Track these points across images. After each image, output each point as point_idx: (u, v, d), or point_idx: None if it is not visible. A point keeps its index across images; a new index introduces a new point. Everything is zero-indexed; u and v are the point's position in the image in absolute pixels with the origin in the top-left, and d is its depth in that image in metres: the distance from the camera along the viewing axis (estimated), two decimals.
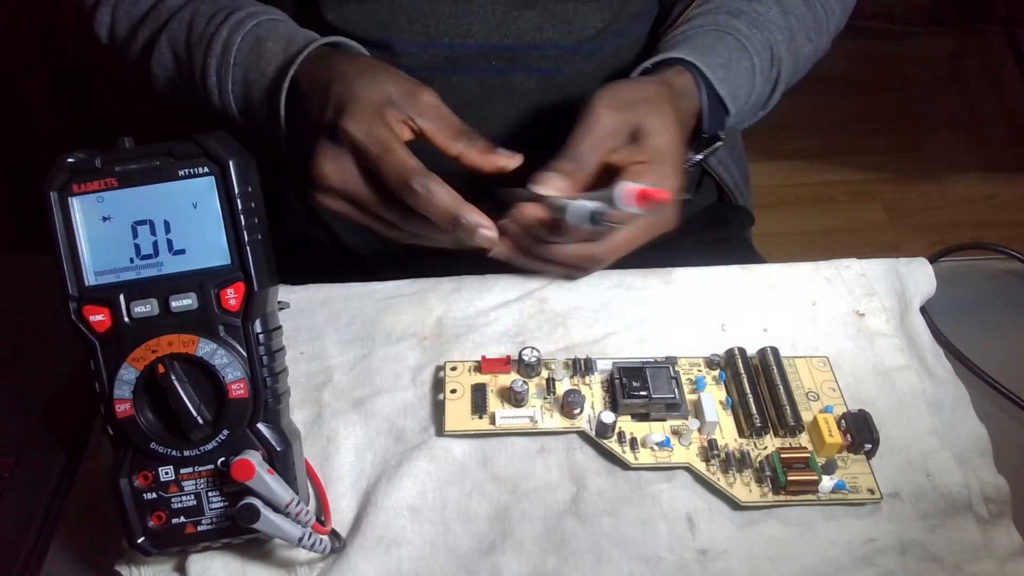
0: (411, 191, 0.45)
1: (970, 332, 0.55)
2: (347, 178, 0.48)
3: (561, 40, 0.60)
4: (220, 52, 0.56)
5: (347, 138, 0.47)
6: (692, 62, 0.56)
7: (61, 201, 0.39)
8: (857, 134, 1.91)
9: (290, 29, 0.56)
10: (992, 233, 1.70)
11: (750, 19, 0.61)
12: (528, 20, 0.59)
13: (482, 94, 0.62)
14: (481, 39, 0.60)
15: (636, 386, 0.48)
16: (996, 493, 0.46)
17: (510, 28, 0.59)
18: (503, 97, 0.63)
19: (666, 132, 0.51)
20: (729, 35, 0.59)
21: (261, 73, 0.55)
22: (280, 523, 0.39)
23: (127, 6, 0.62)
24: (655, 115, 0.52)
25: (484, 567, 0.43)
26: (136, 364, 0.39)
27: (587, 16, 0.60)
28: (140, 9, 0.61)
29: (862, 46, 2.03)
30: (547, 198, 0.49)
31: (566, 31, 0.60)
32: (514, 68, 0.61)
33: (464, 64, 0.61)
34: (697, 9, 0.63)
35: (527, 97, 0.63)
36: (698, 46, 0.58)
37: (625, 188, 0.44)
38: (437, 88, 0.62)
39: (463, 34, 0.59)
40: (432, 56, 0.60)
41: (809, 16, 0.65)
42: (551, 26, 0.60)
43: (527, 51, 0.61)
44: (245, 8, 0.57)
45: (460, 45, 0.60)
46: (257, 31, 0.56)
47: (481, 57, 0.60)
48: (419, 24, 0.59)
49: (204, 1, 0.59)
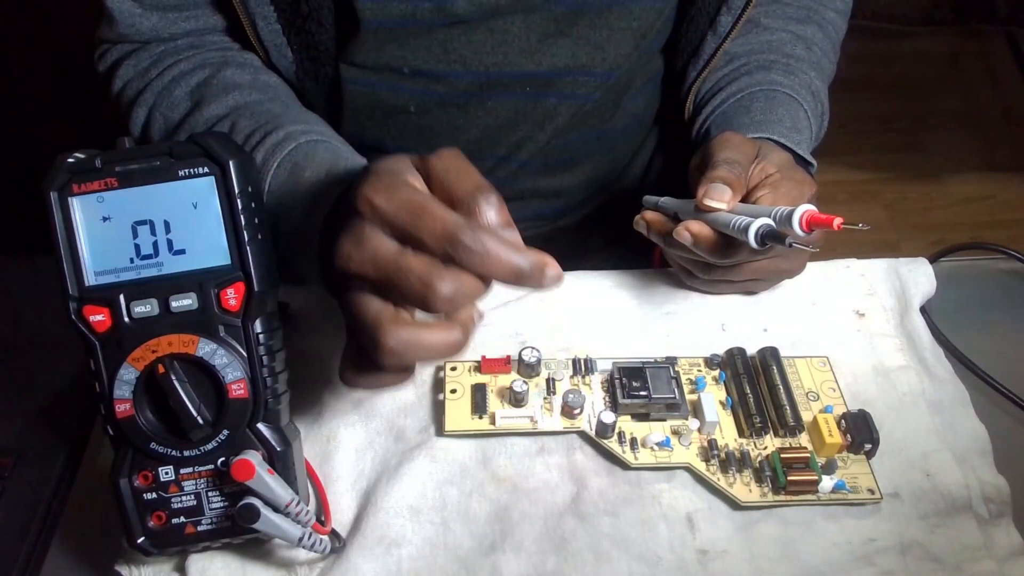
0: (462, 247, 0.36)
1: (970, 332, 0.55)
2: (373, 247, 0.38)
3: (595, 67, 0.61)
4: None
5: (370, 208, 0.38)
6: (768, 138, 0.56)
7: (61, 201, 0.39)
8: (857, 134, 1.91)
9: (331, 156, 0.51)
10: (992, 233, 1.70)
11: (783, 68, 0.62)
12: (562, 47, 0.59)
13: (515, 118, 0.63)
14: (516, 67, 0.60)
15: (636, 386, 0.48)
16: (996, 493, 0.46)
17: (544, 56, 0.60)
18: (536, 121, 0.63)
19: (784, 153, 0.52)
20: (777, 93, 0.60)
21: (294, 203, 0.49)
22: (280, 523, 0.39)
23: (164, 110, 0.58)
24: (769, 144, 0.53)
25: (484, 567, 0.43)
26: (136, 364, 0.39)
27: (621, 43, 0.61)
28: (178, 114, 0.58)
29: (862, 46, 2.03)
30: (710, 214, 0.47)
31: (600, 58, 0.60)
32: (548, 93, 0.62)
33: (499, 90, 0.61)
34: (724, 70, 0.64)
35: (559, 121, 0.63)
36: (759, 118, 0.58)
37: (805, 209, 0.43)
38: (472, 113, 0.62)
39: (499, 63, 0.59)
40: (468, 83, 0.60)
41: (826, 41, 0.67)
42: (585, 53, 0.60)
43: (560, 77, 0.61)
44: (284, 127, 0.53)
45: (495, 73, 0.60)
46: (294, 156, 0.51)
47: (516, 83, 0.61)
48: (455, 54, 0.59)
49: (243, 115, 0.55)
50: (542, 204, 0.70)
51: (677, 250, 0.51)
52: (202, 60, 0.59)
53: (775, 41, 0.64)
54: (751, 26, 0.65)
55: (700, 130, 0.63)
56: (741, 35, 0.65)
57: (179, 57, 0.59)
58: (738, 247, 0.46)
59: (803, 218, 0.43)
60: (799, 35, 0.64)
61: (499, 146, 0.64)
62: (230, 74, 0.58)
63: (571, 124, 0.64)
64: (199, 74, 0.58)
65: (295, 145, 0.51)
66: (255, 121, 0.54)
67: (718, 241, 0.47)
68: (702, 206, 0.47)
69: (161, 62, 0.60)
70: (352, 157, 0.52)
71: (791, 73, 0.61)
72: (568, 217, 0.73)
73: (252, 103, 0.56)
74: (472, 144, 0.64)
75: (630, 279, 0.57)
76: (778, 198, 0.48)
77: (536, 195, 0.69)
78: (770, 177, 0.49)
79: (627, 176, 0.75)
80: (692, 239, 0.47)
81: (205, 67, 0.58)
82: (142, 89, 0.59)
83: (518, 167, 0.66)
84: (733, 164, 0.48)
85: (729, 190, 0.47)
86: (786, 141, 0.56)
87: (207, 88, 0.57)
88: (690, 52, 0.65)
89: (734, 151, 0.49)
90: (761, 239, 0.43)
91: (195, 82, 0.58)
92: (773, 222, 0.44)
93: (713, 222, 0.47)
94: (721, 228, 0.47)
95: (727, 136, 0.51)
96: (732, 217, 0.46)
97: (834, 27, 0.68)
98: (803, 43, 0.64)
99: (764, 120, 0.58)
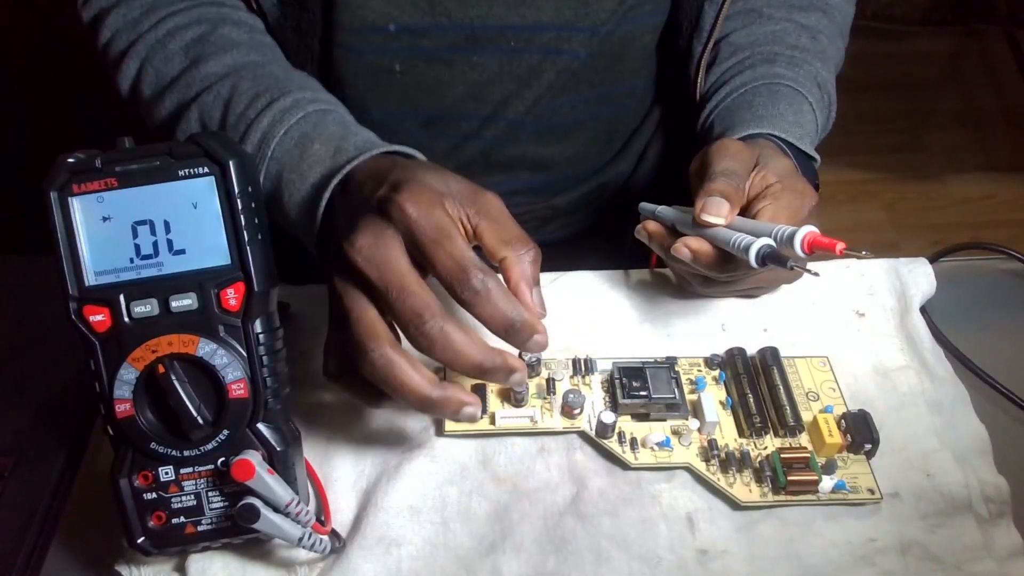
0: (467, 285, 0.39)
1: (970, 332, 0.55)
2: (385, 253, 0.40)
3: (578, 22, 0.61)
4: (257, 141, 0.51)
5: (401, 215, 0.40)
6: (770, 134, 0.56)
7: (61, 201, 0.39)
8: (857, 134, 1.91)
9: (341, 128, 0.51)
10: (992, 233, 1.70)
11: (787, 60, 0.61)
12: (546, 1, 0.60)
13: (501, 74, 0.62)
14: (500, 19, 0.60)
15: (636, 386, 0.48)
16: (996, 493, 0.46)
17: (528, 9, 0.60)
18: (521, 78, 0.63)
19: (787, 158, 0.52)
20: (780, 86, 0.60)
21: (300, 175, 0.49)
22: (280, 523, 0.39)
23: (157, 63, 0.57)
24: (770, 148, 0.53)
25: (484, 567, 0.43)
26: (136, 364, 0.39)
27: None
28: (172, 69, 0.57)
29: (862, 46, 2.02)
30: (709, 230, 0.47)
31: (583, 12, 0.60)
32: (532, 48, 0.62)
33: (484, 44, 0.61)
34: (728, 63, 0.63)
35: (545, 79, 0.63)
36: (761, 113, 0.58)
37: (808, 231, 0.42)
38: (457, 68, 0.62)
39: (483, 15, 0.59)
40: (454, 37, 0.60)
41: (832, 27, 0.66)
42: (568, 8, 0.60)
43: (545, 31, 0.61)
44: (291, 93, 0.52)
45: (480, 26, 0.60)
46: (303, 127, 0.51)
47: (500, 37, 0.60)
48: (440, 7, 0.59)
49: (244, 76, 0.54)
50: (533, 176, 0.70)
51: (676, 264, 0.50)
52: (198, 15, 0.58)
53: (779, 31, 0.63)
54: (754, 16, 0.65)
55: (704, 124, 0.63)
56: (744, 26, 0.64)
57: (172, 9, 0.58)
58: (737, 263, 0.46)
59: (805, 240, 0.42)
60: (803, 24, 0.64)
61: (484, 104, 0.64)
62: (227, 31, 0.57)
63: (559, 85, 0.64)
64: (195, 29, 0.57)
65: (303, 114, 0.51)
66: (258, 84, 0.54)
67: (717, 257, 0.47)
68: (700, 221, 0.47)
69: (153, 13, 0.58)
70: (360, 133, 0.52)
71: (795, 65, 0.61)
72: (563, 196, 0.73)
73: (252, 64, 0.56)
74: (457, 101, 0.63)
75: (630, 279, 0.57)
76: (779, 210, 0.47)
77: (526, 164, 0.69)
78: (770, 187, 0.48)
79: (624, 157, 0.75)
80: (691, 256, 0.47)
81: (201, 23, 0.57)
82: (133, 41, 0.58)
83: (506, 127, 0.65)
84: (731, 175, 0.48)
85: (727, 204, 0.46)
86: (789, 137, 0.56)
87: (204, 45, 0.56)
88: (691, 26, 0.64)
89: (732, 160, 0.49)
90: (762, 260, 0.43)
91: (191, 37, 0.57)
92: (774, 242, 0.43)
93: (712, 238, 0.47)
94: (721, 244, 0.46)
95: (725, 144, 0.50)
96: (732, 235, 0.45)
97: (840, 11, 0.67)
98: (807, 32, 0.64)
99: (767, 115, 0.57)
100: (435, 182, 0.42)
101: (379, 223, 0.41)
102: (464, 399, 0.41)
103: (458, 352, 0.39)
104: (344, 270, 0.41)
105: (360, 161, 0.47)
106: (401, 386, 0.40)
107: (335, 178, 0.47)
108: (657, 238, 0.51)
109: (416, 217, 0.40)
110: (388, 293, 0.39)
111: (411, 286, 0.39)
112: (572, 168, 0.71)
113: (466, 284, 0.39)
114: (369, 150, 0.48)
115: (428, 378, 0.40)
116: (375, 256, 0.40)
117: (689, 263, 0.48)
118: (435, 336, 0.39)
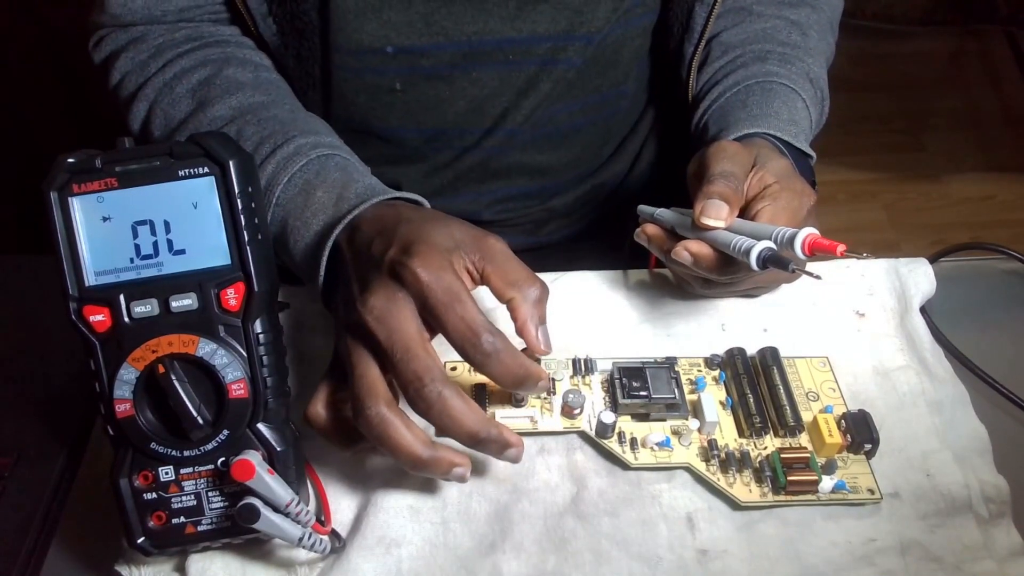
0: (478, 348, 0.40)
1: (970, 332, 0.55)
2: (396, 316, 0.41)
3: (575, 31, 0.61)
4: (264, 188, 0.52)
5: (414, 279, 0.41)
6: (766, 133, 0.56)
7: (61, 201, 0.39)
8: (857, 134, 1.91)
9: (343, 175, 0.52)
10: (992, 233, 1.70)
11: (779, 57, 0.62)
12: (542, 13, 0.60)
13: (500, 88, 0.63)
14: (497, 34, 0.60)
15: (636, 386, 0.48)
16: (996, 493, 0.46)
17: (524, 22, 0.60)
18: (520, 90, 0.63)
19: (784, 157, 0.52)
20: (773, 84, 0.60)
21: (304, 222, 0.50)
22: (280, 523, 0.39)
23: (165, 106, 0.58)
24: (767, 148, 0.53)
25: (484, 567, 0.43)
26: (136, 364, 0.39)
27: (599, 6, 0.61)
28: (179, 112, 0.58)
29: (862, 46, 2.03)
30: (709, 232, 0.47)
31: (579, 22, 0.61)
32: (530, 60, 0.62)
33: (482, 60, 0.61)
34: (720, 62, 0.63)
35: (543, 89, 0.63)
36: (756, 112, 0.58)
37: (808, 233, 0.43)
38: (458, 84, 0.62)
39: (480, 31, 0.59)
40: (452, 55, 0.60)
41: (822, 21, 0.66)
42: (564, 18, 0.60)
43: (541, 43, 0.61)
44: (294, 139, 0.53)
45: (478, 42, 0.60)
46: (306, 174, 0.52)
47: (498, 51, 0.61)
48: (436, 26, 0.59)
49: (249, 121, 0.55)
50: (530, 181, 0.70)
51: (677, 267, 0.50)
52: (203, 57, 0.59)
53: (769, 29, 0.64)
54: (744, 14, 0.65)
55: (699, 124, 0.63)
56: (735, 24, 0.65)
57: (179, 51, 0.59)
58: (738, 265, 0.46)
59: (805, 243, 0.42)
60: (793, 20, 0.64)
61: (485, 117, 0.64)
62: (232, 72, 0.58)
63: (555, 94, 0.64)
64: (200, 72, 0.58)
65: (306, 161, 0.52)
66: (263, 129, 0.54)
67: (718, 260, 0.47)
68: (700, 224, 0.47)
69: (161, 55, 0.59)
70: (362, 179, 0.52)
71: (787, 62, 0.61)
72: (559, 198, 0.73)
73: (257, 106, 0.56)
74: (459, 116, 0.63)
75: (629, 279, 0.57)
76: (778, 210, 0.47)
77: (524, 171, 0.69)
78: (769, 188, 0.49)
79: (619, 159, 0.75)
80: (692, 259, 0.47)
81: (207, 64, 0.58)
82: (142, 84, 0.59)
83: (505, 138, 0.65)
84: (729, 177, 0.48)
85: (726, 206, 0.47)
86: (784, 135, 0.56)
87: (210, 88, 0.57)
88: (681, 28, 0.65)
89: (730, 162, 0.49)
90: (763, 263, 0.43)
91: (196, 80, 0.58)
92: (775, 245, 0.43)
93: (713, 241, 0.47)
94: (721, 247, 0.46)
95: (723, 145, 0.50)
96: (733, 238, 0.45)
97: (828, 5, 0.67)
98: (798, 29, 0.64)
99: (761, 114, 0.57)
100: (442, 239, 0.43)
101: (391, 286, 0.42)
102: (454, 460, 0.42)
103: (453, 418, 0.40)
104: (354, 327, 0.43)
105: (362, 209, 0.48)
106: (394, 445, 0.41)
107: (338, 227, 0.48)
108: (656, 241, 0.51)
109: (428, 282, 0.41)
110: (393, 354, 0.40)
111: (416, 349, 0.40)
112: (568, 172, 0.71)
113: (478, 347, 0.40)
114: (370, 198, 0.49)
115: (421, 439, 0.41)
116: (386, 318, 0.41)
117: (689, 266, 0.48)
118: (433, 400, 0.40)
